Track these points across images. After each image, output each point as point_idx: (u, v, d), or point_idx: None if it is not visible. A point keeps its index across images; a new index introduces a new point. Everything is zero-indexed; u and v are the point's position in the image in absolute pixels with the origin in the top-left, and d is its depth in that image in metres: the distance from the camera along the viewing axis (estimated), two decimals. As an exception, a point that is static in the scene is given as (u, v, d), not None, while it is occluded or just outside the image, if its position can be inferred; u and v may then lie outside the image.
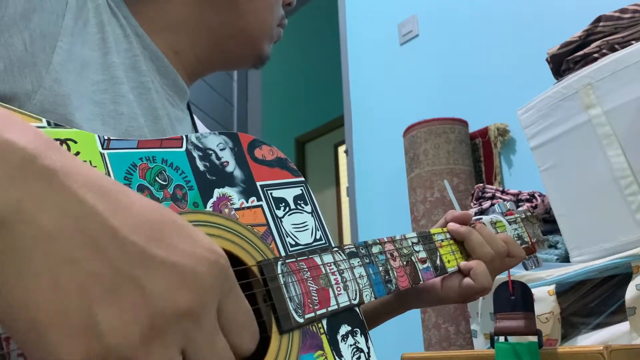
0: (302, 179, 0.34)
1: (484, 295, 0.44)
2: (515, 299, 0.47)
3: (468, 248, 0.45)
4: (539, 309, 0.72)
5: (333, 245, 0.34)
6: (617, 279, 0.74)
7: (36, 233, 0.16)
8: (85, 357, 0.16)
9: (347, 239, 2.98)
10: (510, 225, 0.52)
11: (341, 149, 3.15)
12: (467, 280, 0.43)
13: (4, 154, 0.16)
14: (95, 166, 0.24)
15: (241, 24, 0.42)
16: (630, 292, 0.67)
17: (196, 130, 0.46)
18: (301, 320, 0.28)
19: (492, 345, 0.47)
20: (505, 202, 0.54)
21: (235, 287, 0.20)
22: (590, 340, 0.73)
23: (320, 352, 0.29)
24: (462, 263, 0.44)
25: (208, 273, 0.19)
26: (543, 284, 0.78)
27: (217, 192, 0.29)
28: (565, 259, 0.86)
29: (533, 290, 0.49)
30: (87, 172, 0.18)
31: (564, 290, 0.78)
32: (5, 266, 0.16)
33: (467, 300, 0.44)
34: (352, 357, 0.30)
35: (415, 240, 0.41)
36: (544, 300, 0.75)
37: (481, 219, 0.49)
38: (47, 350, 0.16)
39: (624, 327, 0.68)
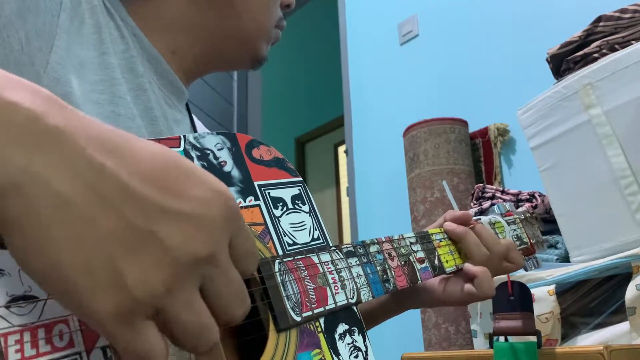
0: (300, 178, 0.34)
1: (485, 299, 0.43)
2: (514, 299, 0.47)
3: (464, 248, 0.44)
4: (539, 309, 0.72)
5: (331, 245, 0.34)
6: (617, 279, 0.74)
7: (50, 196, 0.17)
8: (115, 309, 0.17)
9: (347, 239, 2.98)
10: (509, 226, 0.52)
11: (341, 149, 3.15)
12: (469, 286, 0.42)
13: (8, 116, 0.16)
14: None
15: (237, 24, 0.42)
16: (630, 292, 0.67)
17: (195, 131, 0.46)
18: (298, 319, 0.28)
19: (492, 346, 0.47)
20: (504, 203, 0.54)
21: (242, 222, 0.21)
22: (590, 340, 0.73)
23: (317, 350, 0.29)
24: (467, 267, 0.43)
25: (219, 216, 0.19)
26: (543, 284, 0.78)
27: None
28: (565, 259, 0.86)
29: (533, 290, 0.49)
30: (90, 127, 0.18)
31: (564, 290, 0.77)
32: (27, 229, 0.16)
33: (467, 304, 0.44)
34: (349, 356, 0.30)
35: (413, 240, 0.41)
36: (544, 300, 0.75)
37: (480, 219, 0.49)
38: (81, 305, 0.17)
39: (624, 327, 0.68)
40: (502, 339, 0.48)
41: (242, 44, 0.43)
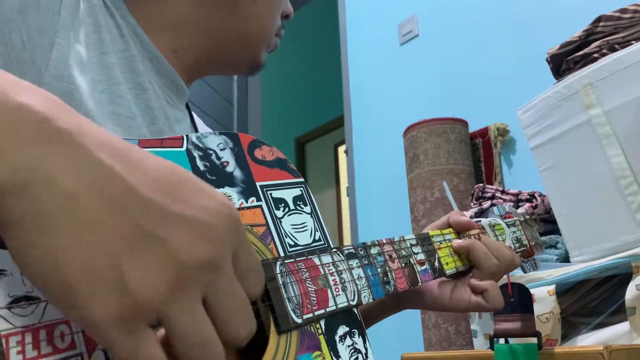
0: (302, 179, 0.34)
1: None
2: (515, 301, 0.47)
3: (473, 260, 0.43)
4: (539, 309, 0.72)
5: (332, 246, 0.34)
6: (617, 279, 0.74)
7: (57, 195, 0.16)
8: (116, 312, 0.17)
9: (347, 239, 2.98)
10: (508, 228, 0.52)
11: (341, 149, 3.15)
12: (478, 298, 0.42)
13: (20, 117, 0.16)
14: None
15: (242, 28, 0.42)
16: (630, 292, 0.67)
17: (196, 130, 0.46)
18: (299, 321, 0.28)
19: (492, 347, 0.47)
20: (504, 205, 0.54)
21: (245, 237, 0.21)
22: (590, 340, 0.73)
23: (318, 352, 0.29)
24: (474, 282, 0.42)
25: (223, 225, 0.19)
26: (543, 284, 0.78)
27: None
28: (565, 259, 0.86)
29: (533, 291, 0.49)
30: (99, 132, 0.18)
31: (564, 290, 0.78)
32: (31, 229, 0.16)
33: (473, 312, 0.44)
34: (349, 358, 0.30)
35: (413, 242, 0.41)
36: (544, 300, 0.75)
37: (480, 221, 0.49)
38: (81, 308, 0.17)
39: (624, 327, 0.68)
40: (502, 340, 0.48)
41: (243, 48, 0.43)
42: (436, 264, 0.41)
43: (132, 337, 0.17)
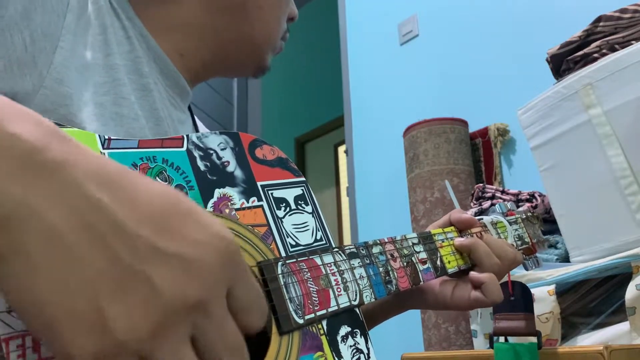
0: (303, 179, 0.34)
1: None
2: (515, 300, 0.47)
3: (475, 259, 0.43)
4: (539, 309, 0.72)
5: (333, 246, 0.34)
6: (617, 279, 0.74)
7: (42, 230, 0.16)
8: (97, 353, 0.16)
9: (347, 239, 2.98)
10: (510, 225, 0.52)
11: (341, 149, 3.15)
12: (477, 293, 0.42)
13: (8, 148, 0.16)
14: None
15: (249, 32, 0.42)
16: (630, 292, 0.67)
17: (197, 132, 0.46)
18: (301, 321, 0.28)
19: (492, 346, 0.47)
20: (506, 202, 0.54)
21: (244, 271, 0.20)
22: (590, 340, 0.73)
23: (320, 353, 0.29)
24: (473, 275, 0.42)
25: (216, 262, 0.18)
26: (543, 284, 0.78)
27: (217, 192, 0.29)
28: (565, 259, 0.86)
29: (533, 290, 0.49)
30: (91, 161, 0.18)
31: (564, 290, 0.78)
32: (14, 264, 0.16)
33: (474, 309, 0.44)
34: (351, 358, 0.30)
35: (415, 240, 0.40)
36: (544, 300, 0.75)
37: (482, 219, 0.49)
38: (60, 346, 0.16)
39: (624, 327, 0.68)
40: (502, 339, 0.48)
41: (250, 52, 0.43)
42: (438, 262, 0.41)
43: None
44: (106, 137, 0.26)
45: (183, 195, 0.20)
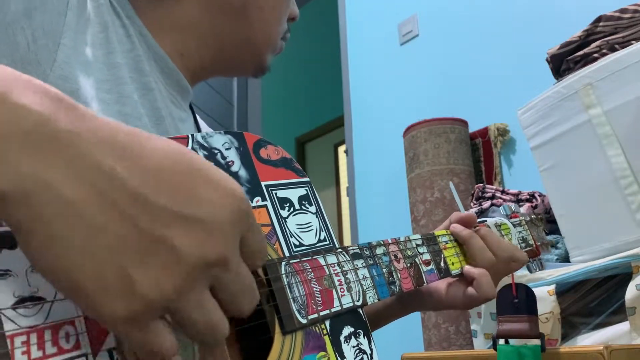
0: (307, 179, 0.34)
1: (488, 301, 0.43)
2: (519, 302, 0.47)
3: (468, 253, 0.44)
4: (539, 308, 0.72)
5: (337, 246, 0.34)
6: (617, 279, 0.74)
7: (58, 204, 0.16)
8: (126, 314, 0.17)
9: (347, 239, 2.98)
10: (515, 227, 0.52)
11: (341, 149, 3.15)
12: (470, 289, 0.42)
13: (17, 121, 0.16)
14: None
15: (249, 33, 0.42)
16: (630, 292, 0.67)
17: (199, 130, 0.46)
18: (304, 321, 0.28)
19: (494, 348, 0.47)
20: (510, 204, 0.54)
21: (253, 221, 0.21)
22: (590, 340, 0.73)
23: (322, 353, 0.29)
24: (466, 269, 0.43)
25: (231, 219, 0.19)
26: (543, 284, 0.78)
27: None
28: (565, 259, 0.87)
29: (533, 290, 0.49)
30: (100, 128, 0.18)
31: (564, 290, 0.78)
32: (35, 236, 0.16)
33: (471, 307, 0.44)
34: (354, 359, 0.30)
35: (419, 242, 0.40)
36: (544, 300, 0.75)
37: (486, 221, 0.49)
38: (92, 309, 0.17)
39: (624, 327, 0.69)
40: (503, 341, 0.48)
41: (250, 52, 0.43)
42: (442, 264, 0.41)
43: (142, 331, 0.18)
44: None
45: (194, 154, 0.20)
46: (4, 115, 0.16)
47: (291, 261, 0.30)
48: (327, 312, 0.30)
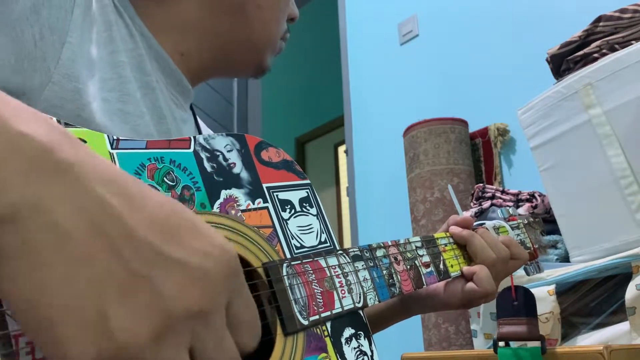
0: (308, 181, 0.34)
1: (488, 301, 0.43)
2: (518, 304, 0.47)
3: (470, 252, 0.45)
4: (539, 309, 0.72)
5: (338, 248, 0.34)
6: (617, 279, 0.74)
7: (51, 229, 0.16)
8: (95, 355, 0.16)
9: (347, 239, 2.98)
10: (513, 230, 0.52)
11: (341, 149, 3.15)
12: (470, 285, 0.42)
13: (19, 147, 0.16)
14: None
15: (248, 33, 0.42)
16: (630, 292, 0.67)
17: (199, 131, 0.46)
18: (306, 323, 0.28)
19: (495, 351, 0.47)
20: (507, 208, 0.54)
21: (243, 287, 0.20)
22: (590, 340, 0.73)
23: (324, 354, 0.29)
24: (465, 267, 0.43)
25: (219, 273, 0.19)
26: (543, 284, 0.78)
27: (224, 194, 0.29)
28: (565, 259, 0.87)
29: (533, 290, 0.49)
30: (101, 165, 0.18)
31: (564, 290, 0.78)
32: (20, 260, 0.16)
33: (470, 305, 0.44)
34: None
35: (419, 244, 0.41)
36: (544, 300, 0.76)
37: (484, 224, 0.49)
38: (58, 346, 0.16)
39: (624, 327, 0.69)
40: (504, 344, 0.48)
41: (250, 52, 0.43)
42: (441, 266, 0.41)
43: None
44: (115, 137, 0.26)
45: (185, 206, 0.20)
46: (7, 142, 0.16)
47: (292, 263, 0.30)
48: (328, 313, 0.30)
